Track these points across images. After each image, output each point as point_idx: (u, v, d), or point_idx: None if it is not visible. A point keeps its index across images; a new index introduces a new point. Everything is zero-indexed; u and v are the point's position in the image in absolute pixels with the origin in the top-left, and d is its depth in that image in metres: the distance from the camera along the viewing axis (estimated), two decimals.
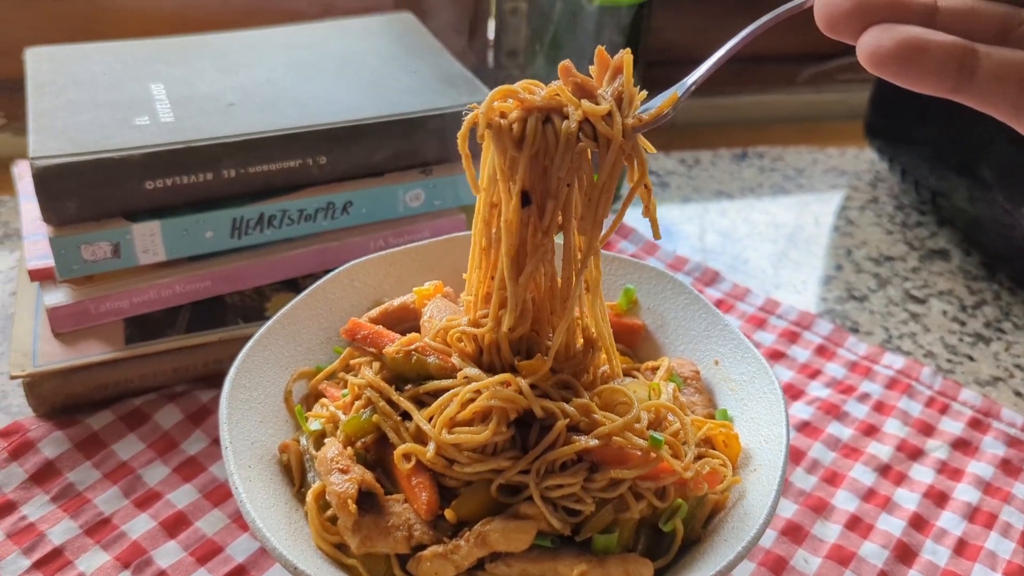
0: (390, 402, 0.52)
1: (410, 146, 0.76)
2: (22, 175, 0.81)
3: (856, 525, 0.66)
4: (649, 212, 0.49)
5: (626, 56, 0.47)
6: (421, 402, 0.52)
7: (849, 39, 0.37)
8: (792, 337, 0.83)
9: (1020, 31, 0.38)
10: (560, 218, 0.49)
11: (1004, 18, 0.38)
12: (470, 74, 0.82)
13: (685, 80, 0.49)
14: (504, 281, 0.50)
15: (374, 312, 0.63)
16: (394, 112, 0.75)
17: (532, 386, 0.50)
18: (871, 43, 0.36)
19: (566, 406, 0.50)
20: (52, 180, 0.64)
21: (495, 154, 0.48)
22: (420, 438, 0.50)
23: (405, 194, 0.77)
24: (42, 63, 0.78)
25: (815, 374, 0.79)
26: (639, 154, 0.48)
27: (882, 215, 1.03)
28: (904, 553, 0.64)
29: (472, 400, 0.49)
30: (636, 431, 0.50)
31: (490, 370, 0.52)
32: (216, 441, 0.67)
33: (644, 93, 0.48)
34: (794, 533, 0.65)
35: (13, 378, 0.65)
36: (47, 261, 0.69)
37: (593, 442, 0.49)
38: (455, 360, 0.52)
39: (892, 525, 0.66)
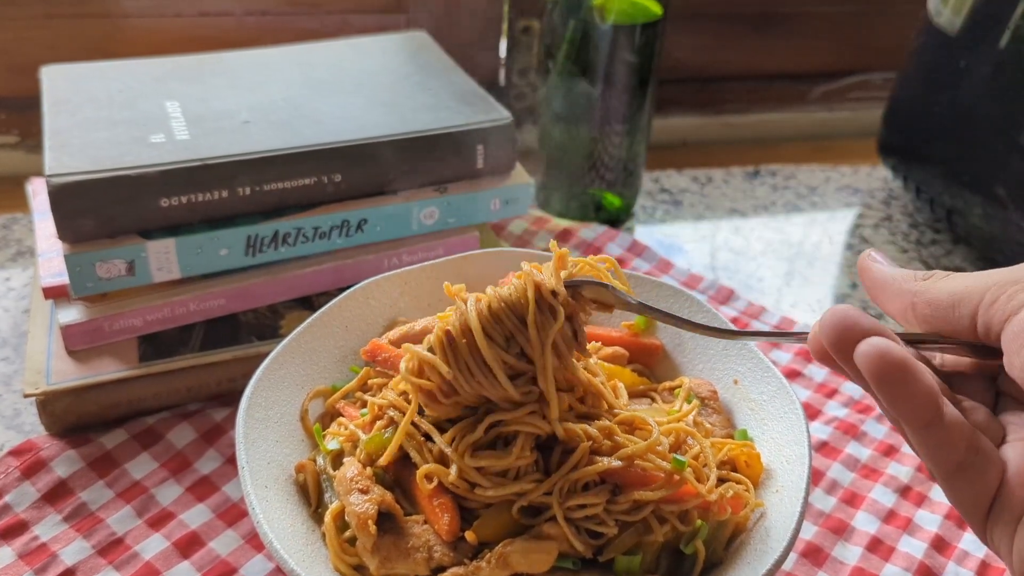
0: (412, 423, 0.51)
1: (424, 164, 0.76)
2: (37, 192, 0.80)
3: (877, 547, 0.65)
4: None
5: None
6: (442, 428, 0.52)
7: (843, 363, 0.39)
8: (808, 356, 0.82)
9: (963, 405, 0.41)
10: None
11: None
12: (484, 92, 0.82)
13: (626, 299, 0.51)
14: None
15: (394, 334, 0.62)
16: (409, 130, 0.75)
17: None
18: (879, 350, 0.37)
19: (589, 428, 0.49)
20: (68, 197, 0.64)
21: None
22: (443, 460, 0.50)
23: (419, 212, 0.77)
24: (58, 81, 0.78)
25: (832, 393, 0.78)
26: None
27: (896, 233, 1.03)
28: (926, 575, 0.63)
29: (497, 423, 0.48)
30: (659, 453, 0.50)
31: None
32: (230, 460, 0.67)
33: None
34: (814, 555, 0.64)
35: (27, 396, 0.65)
36: (61, 279, 0.69)
37: (616, 463, 0.48)
38: None
39: (914, 547, 0.65)
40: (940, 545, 0.65)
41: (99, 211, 0.66)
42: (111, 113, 0.74)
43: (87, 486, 0.64)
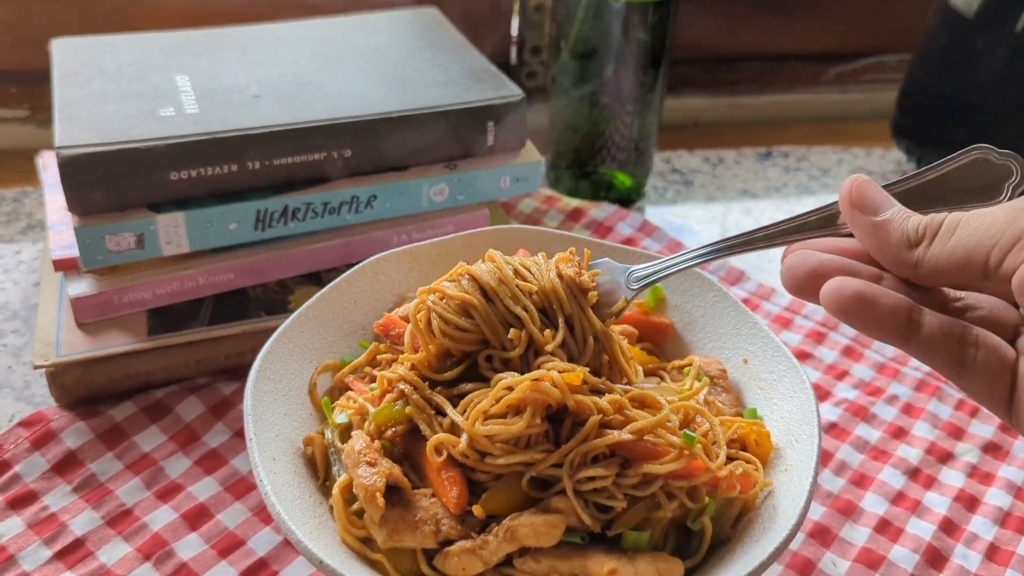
0: (423, 398, 0.51)
1: (435, 140, 0.76)
2: (47, 165, 0.80)
3: (886, 528, 0.65)
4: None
5: (592, 284, 0.54)
6: (453, 403, 0.52)
7: (812, 300, 0.43)
8: (819, 338, 0.82)
9: (955, 305, 0.44)
10: None
11: (938, 292, 0.44)
12: (495, 69, 0.82)
13: (635, 272, 0.55)
14: None
15: (403, 310, 0.62)
16: (419, 106, 0.75)
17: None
18: (833, 290, 0.41)
19: (599, 400, 0.49)
20: (77, 169, 0.64)
21: None
22: (452, 433, 0.50)
23: (429, 189, 0.77)
24: (68, 54, 0.78)
25: (842, 375, 0.78)
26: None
27: None
28: (935, 557, 0.63)
29: (508, 391, 0.48)
30: (669, 429, 0.50)
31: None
32: (238, 434, 0.67)
33: (595, 286, 0.54)
34: (822, 536, 0.64)
35: (36, 368, 0.65)
36: (71, 251, 0.69)
37: (627, 436, 0.48)
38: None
39: (922, 529, 0.65)
40: (949, 528, 0.65)
41: (109, 183, 0.65)
42: (121, 86, 0.73)
43: (96, 457, 0.64)
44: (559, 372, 0.49)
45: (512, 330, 0.51)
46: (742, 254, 0.50)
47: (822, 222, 0.47)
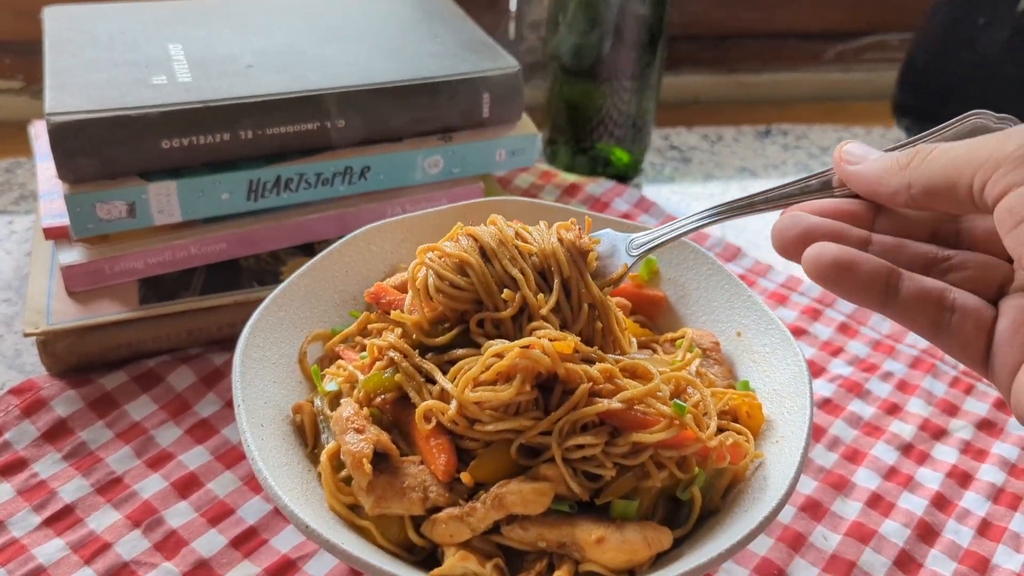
0: (413, 365, 0.51)
1: (430, 112, 0.75)
2: (39, 135, 0.80)
3: (877, 503, 0.64)
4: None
5: (594, 242, 0.55)
6: (443, 370, 0.51)
7: (799, 261, 0.43)
8: (814, 314, 0.81)
9: (941, 266, 0.44)
10: None
11: (927, 254, 0.44)
12: (491, 40, 0.81)
13: (635, 240, 0.55)
14: None
15: (395, 280, 0.62)
16: (414, 77, 0.74)
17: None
18: (813, 256, 0.42)
19: (589, 369, 0.49)
20: (68, 137, 0.64)
21: None
22: (442, 400, 0.49)
23: (424, 160, 0.76)
24: (60, 22, 0.77)
25: (837, 352, 0.78)
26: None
27: None
28: (926, 532, 0.63)
29: (498, 359, 0.48)
30: (659, 398, 0.49)
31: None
32: (229, 404, 0.67)
33: (595, 253, 0.55)
34: (813, 510, 0.64)
35: (27, 335, 0.65)
36: (62, 220, 0.68)
37: (617, 405, 0.48)
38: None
39: (914, 504, 0.65)
40: (941, 503, 0.65)
41: (99, 151, 0.65)
42: (113, 54, 0.73)
43: (87, 426, 0.64)
44: (550, 340, 0.48)
45: (506, 291, 0.51)
46: (743, 217, 0.50)
47: (822, 185, 0.48)
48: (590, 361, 0.51)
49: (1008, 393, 0.40)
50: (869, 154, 0.45)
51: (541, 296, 0.51)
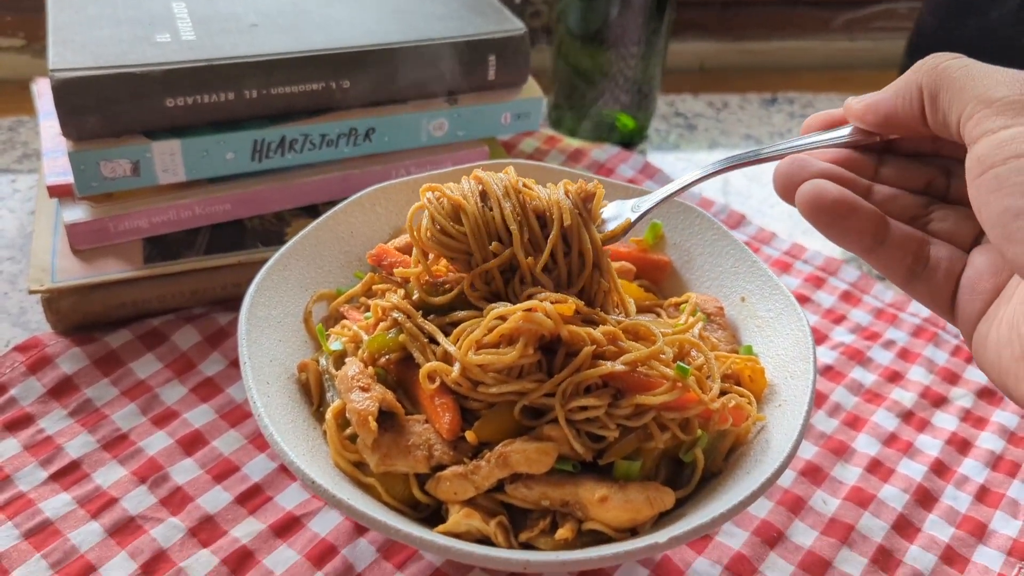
0: (416, 326, 0.51)
1: (435, 73, 0.75)
2: (42, 93, 0.79)
3: (877, 469, 0.65)
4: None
5: (599, 187, 0.54)
6: (445, 332, 0.51)
7: (791, 204, 0.44)
8: (817, 282, 0.81)
9: (926, 217, 0.45)
10: None
11: (917, 204, 0.45)
12: (498, 2, 0.80)
13: (640, 204, 0.55)
14: None
15: (400, 242, 0.62)
16: (419, 38, 0.73)
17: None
18: (811, 194, 0.42)
19: (593, 331, 0.49)
20: (71, 93, 0.63)
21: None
22: (446, 361, 0.49)
23: (429, 123, 0.76)
24: None
25: (840, 319, 0.78)
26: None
27: None
28: (924, 498, 0.63)
29: (498, 324, 0.48)
30: (662, 360, 0.50)
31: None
32: (233, 363, 0.67)
33: (603, 215, 0.55)
34: (813, 474, 0.64)
35: (31, 292, 0.65)
36: (66, 177, 0.68)
37: (620, 367, 0.48)
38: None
39: (913, 470, 0.65)
40: (940, 469, 0.65)
41: (102, 108, 0.65)
42: (116, 11, 0.72)
43: (92, 383, 0.64)
44: (552, 303, 0.48)
45: (495, 243, 0.51)
46: (749, 167, 0.50)
47: (831, 139, 0.47)
48: (592, 323, 0.51)
49: (971, 341, 0.42)
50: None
51: (531, 259, 0.51)
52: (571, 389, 0.48)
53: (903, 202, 0.45)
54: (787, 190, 0.44)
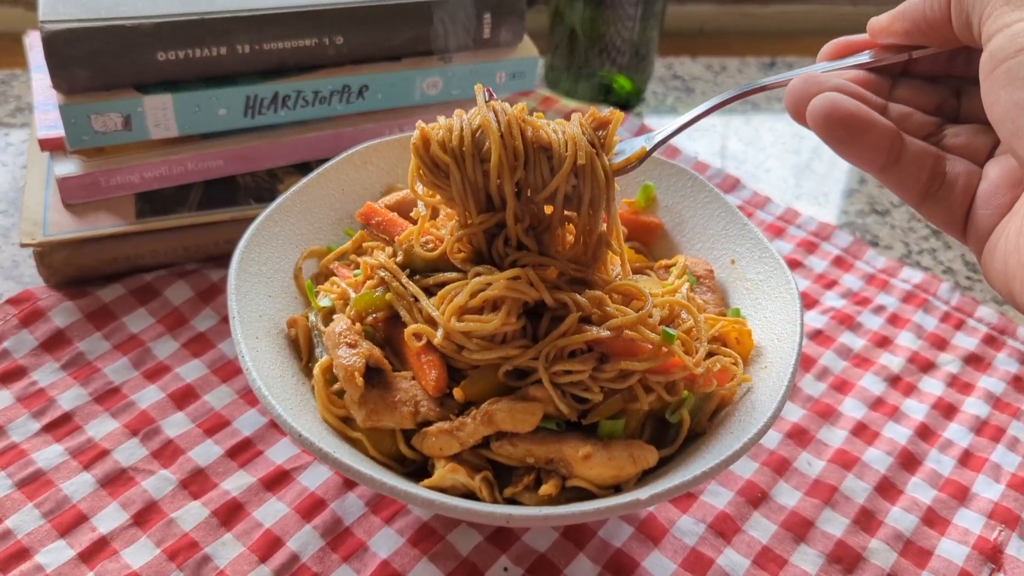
0: (402, 285, 0.51)
1: (429, 30, 0.74)
2: (34, 46, 0.79)
3: (862, 432, 0.66)
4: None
5: (615, 114, 0.51)
6: (430, 292, 0.52)
7: (802, 123, 0.42)
8: (810, 247, 0.81)
9: (940, 135, 0.44)
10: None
11: (931, 125, 0.44)
12: None
13: (653, 135, 0.52)
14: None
15: (390, 199, 0.62)
16: None
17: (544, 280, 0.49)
18: (824, 107, 0.40)
19: (578, 297, 0.49)
20: (61, 45, 0.63)
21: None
22: (432, 322, 0.50)
23: (423, 81, 0.75)
24: None
25: (831, 284, 0.78)
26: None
27: None
28: (908, 461, 0.64)
29: (482, 289, 0.48)
30: (649, 325, 0.50)
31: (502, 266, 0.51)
32: (225, 319, 0.67)
33: (619, 139, 0.52)
34: (799, 436, 0.65)
35: (23, 246, 0.65)
36: (58, 131, 0.68)
37: (604, 333, 0.48)
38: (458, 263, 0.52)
39: (898, 433, 0.66)
40: (925, 433, 0.66)
41: (93, 61, 0.64)
42: None
43: (84, 337, 0.65)
44: (535, 268, 0.48)
45: (482, 216, 0.50)
46: (760, 93, 0.49)
47: (848, 63, 0.47)
48: (583, 282, 0.51)
49: (981, 256, 0.41)
50: None
51: (519, 225, 0.50)
52: (555, 354, 0.48)
53: (917, 120, 0.44)
54: (799, 108, 0.42)
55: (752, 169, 0.91)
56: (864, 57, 0.46)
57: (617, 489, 0.49)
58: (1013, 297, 0.39)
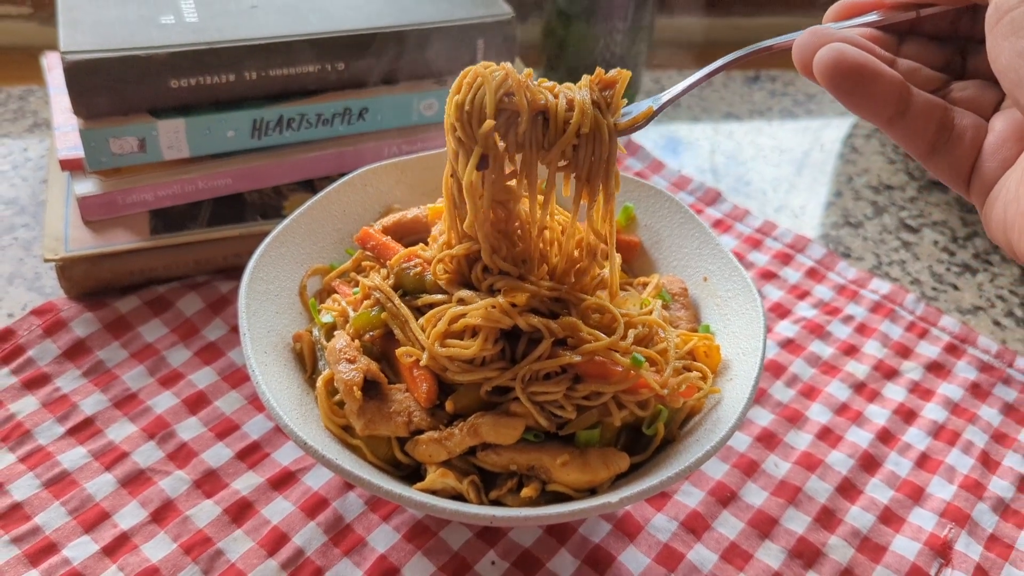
0: (395, 306, 0.56)
1: (426, 56, 0.78)
2: (52, 67, 0.83)
3: (826, 436, 0.70)
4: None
5: (622, 73, 0.52)
6: (421, 311, 0.56)
7: (808, 75, 0.42)
8: (785, 259, 0.86)
9: (947, 91, 0.44)
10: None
11: (938, 80, 0.45)
12: None
13: (660, 96, 0.53)
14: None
15: (388, 220, 0.66)
16: (411, 22, 0.77)
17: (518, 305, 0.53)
18: (832, 57, 0.39)
19: (551, 323, 0.53)
20: (82, 75, 0.67)
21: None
22: (421, 341, 0.54)
23: (419, 103, 0.80)
24: None
25: (804, 295, 0.83)
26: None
27: (887, 144, 1.05)
28: (868, 463, 0.69)
29: (461, 316, 0.53)
30: (621, 348, 0.54)
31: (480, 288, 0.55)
32: (234, 329, 0.72)
33: (624, 100, 0.52)
34: (768, 440, 0.70)
35: (47, 261, 0.69)
36: (77, 152, 0.72)
37: (577, 358, 0.53)
38: (443, 284, 0.56)
39: (860, 437, 0.71)
40: (885, 437, 0.71)
41: (111, 89, 0.69)
42: None
43: (104, 346, 0.70)
44: (511, 295, 0.53)
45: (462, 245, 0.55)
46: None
47: (854, 23, 0.48)
48: (562, 302, 0.55)
49: (983, 207, 0.41)
50: None
51: (495, 256, 0.54)
52: (531, 375, 0.53)
53: (924, 75, 0.45)
54: (805, 60, 0.41)
55: (733, 183, 0.96)
56: (871, 17, 0.47)
57: (593, 492, 0.54)
58: (1011, 246, 0.39)
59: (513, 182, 0.53)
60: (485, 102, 0.50)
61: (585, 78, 0.52)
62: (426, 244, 0.61)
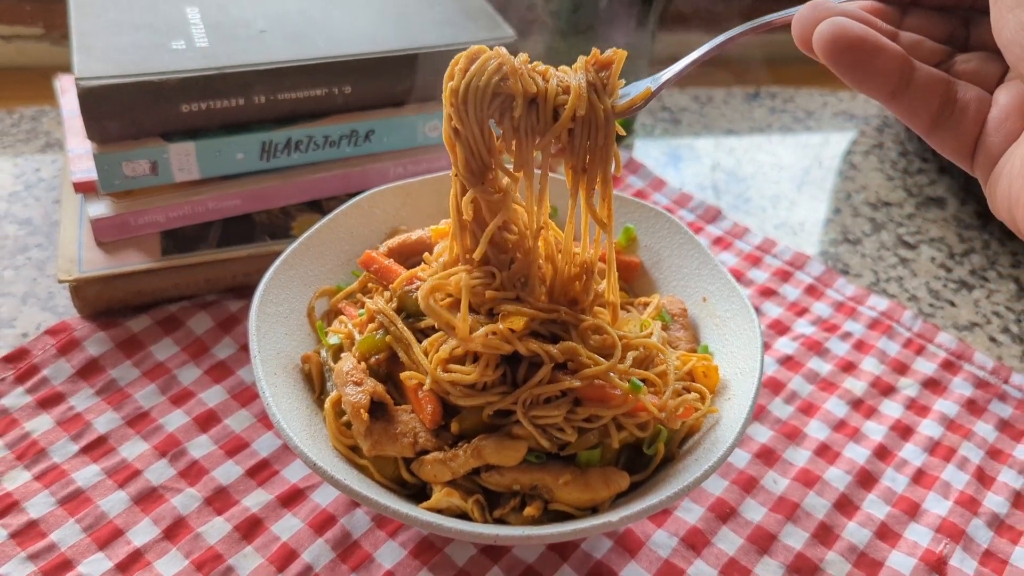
0: (399, 330, 0.57)
1: (431, 78, 0.80)
2: (65, 90, 0.85)
3: (824, 452, 0.72)
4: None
5: (618, 53, 0.51)
6: (425, 333, 0.58)
7: (808, 52, 0.41)
8: (784, 276, 0.88)
9: (950, 63, 0.44)
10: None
11: (941, 53, 0.44)
12: (492, 9, 0.85)
13: (659, 76, 0.52)
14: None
15: (393, 242, 0.67)
16: (416, 45, 0.79)
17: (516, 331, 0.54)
18: (831, 31, 0.39)
19: (551, 348, 0.54)
20: (96, 100, 0.69)
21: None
22: (424, 366, 0.56)
23: (424, 125, 0.81)
24: None
25: (802, 312, 0.84)
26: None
27: (885, 161, 1.06)
28: (865, 479, 0.70)
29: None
30: (619, 371, 0.55)
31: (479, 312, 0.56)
32: (243, 347, 0.74)
33: (623, 81, 0.52)
34: (767, 456, 0.71)
35: (61, 282, 0.71)
36: (90, 175, 0.74)
37: (576, 383, 0.54)
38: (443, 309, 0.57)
39: (857, 453, 0.72)
40: (882, 453, 0.72)
41: (124, 114, 0.70)
42: (133, 17, 0.77)
43: (116, 365, 0.71)
44: (511, 320, 0.54)
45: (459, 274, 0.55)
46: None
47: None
48: (561, 324, 0.57)
49: (986, 182, 0.41)
50: None
51: (489, 292, 0.55)
52: (531, 400, 0.54)
53: (927, 48, 0.44)
54: (805, 35, 0.41)
55: (733, 200, 0.97)
56: None
57: (594, 510, 0.56)
58: (1015, 222, 0.39)
59: (507, 180, 0.54)
60: (480, 85, 0.50)
61: (581, 59, 0.51)
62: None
